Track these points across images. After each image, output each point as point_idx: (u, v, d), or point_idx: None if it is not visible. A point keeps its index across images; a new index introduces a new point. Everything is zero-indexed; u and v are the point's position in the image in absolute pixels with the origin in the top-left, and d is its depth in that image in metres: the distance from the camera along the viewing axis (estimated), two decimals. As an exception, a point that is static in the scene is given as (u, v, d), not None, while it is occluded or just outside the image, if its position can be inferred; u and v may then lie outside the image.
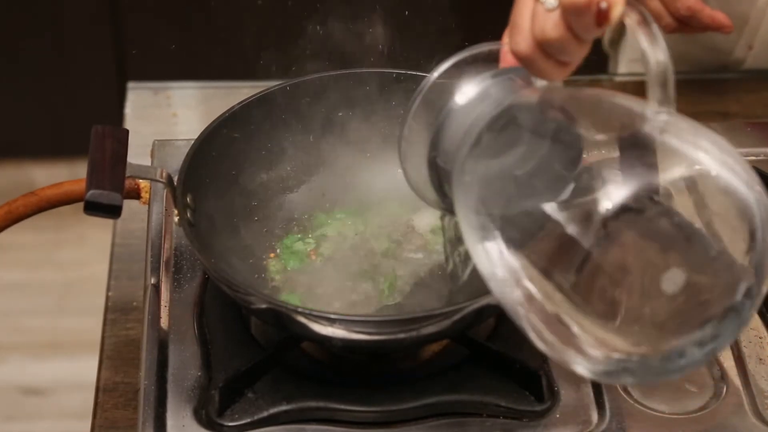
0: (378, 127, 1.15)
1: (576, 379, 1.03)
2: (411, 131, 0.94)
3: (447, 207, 0.96)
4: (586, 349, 0.82)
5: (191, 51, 2.22)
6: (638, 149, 0.82)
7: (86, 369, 1.28)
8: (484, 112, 0.89)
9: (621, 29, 1.51)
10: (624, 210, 0.80)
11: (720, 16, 1.26)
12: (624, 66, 1.52)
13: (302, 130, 1.15)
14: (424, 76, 0.93)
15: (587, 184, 0.82)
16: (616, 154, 0.82)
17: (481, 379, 1.02)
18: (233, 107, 1.11)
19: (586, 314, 0.81)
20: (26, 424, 2.13)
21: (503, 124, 0.89)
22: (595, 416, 1.01)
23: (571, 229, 0.81)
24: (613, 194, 0.80)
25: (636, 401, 1.02)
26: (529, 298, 0.82)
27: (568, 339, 0.82)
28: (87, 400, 1.13)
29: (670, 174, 0.81)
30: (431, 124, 0.93)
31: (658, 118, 0.83)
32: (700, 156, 0.81)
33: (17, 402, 2.14)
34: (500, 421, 1.00)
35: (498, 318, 1.06)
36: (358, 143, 1.16)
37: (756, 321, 1.09)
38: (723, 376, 1.04)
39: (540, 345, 0.83)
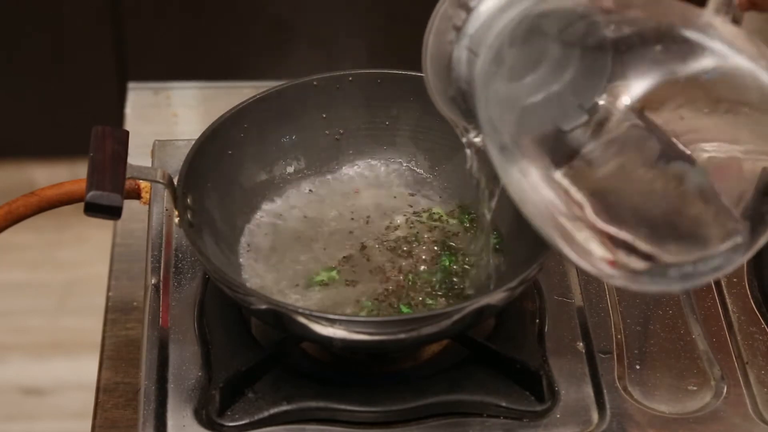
0: (378, 127, 1.16)
1: (576, 379, 1.03)
2: (435, 38, 0.93)
3: (465, 118, 0.95)
4: (593, 250, 0.83)
5: (191, 51, 2.22)
6: (675, 44, 0.81)
7: (86, 369, 1.28)
8: (518, 12, 0.88)
9: None
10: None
11: None
12: None
13: (302, 131, 1.15)
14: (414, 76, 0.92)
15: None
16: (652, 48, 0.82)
17: (481, 379, 1.02)
18: (234, 108, 1.11)
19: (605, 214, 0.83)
20: (26, 424, 2.13)
21: (533, 31, 0.87)
22: (595, 416, 1.01)
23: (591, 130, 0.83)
24: (633, 87, 0.80)
25: (636, 401, 1.02)
26: (556, 203, 0.83)
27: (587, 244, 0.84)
28: (87, 400, 1.13)
29: (695, 66, 0.81)
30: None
31: (709, 20, 0.82)
32: (738, 57, 0.81)
33: (17, 402, 2.14)
34: (500, 421, 1.00)
35: (498, 318, 1.06)
36: (358, 143, 1.16)
37: (755, 321, 1.09)
38: (723, 376, 1.04)
39: (569, 252, 0.84)
